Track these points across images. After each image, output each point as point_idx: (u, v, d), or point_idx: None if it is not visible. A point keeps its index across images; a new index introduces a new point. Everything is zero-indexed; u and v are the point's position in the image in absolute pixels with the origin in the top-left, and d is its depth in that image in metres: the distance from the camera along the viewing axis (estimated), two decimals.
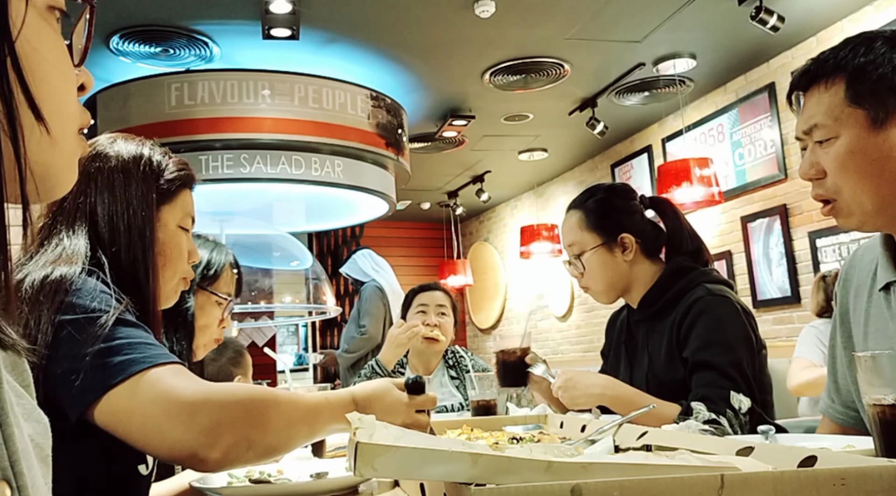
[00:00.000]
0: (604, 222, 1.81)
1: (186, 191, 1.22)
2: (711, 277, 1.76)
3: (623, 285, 1.82)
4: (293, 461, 1.31)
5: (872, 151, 1.15)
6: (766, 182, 4.86)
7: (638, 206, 1.87)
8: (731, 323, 1.66)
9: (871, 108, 1.15)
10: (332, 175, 4.45)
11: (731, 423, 1.53)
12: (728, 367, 1.59)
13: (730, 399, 1.56)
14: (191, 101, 4.19)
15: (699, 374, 1.61)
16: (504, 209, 8.49)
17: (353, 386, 1.12)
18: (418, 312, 2.67)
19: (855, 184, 1.17)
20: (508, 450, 0.66)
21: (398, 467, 0.62)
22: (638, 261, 1.80)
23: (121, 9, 3.70)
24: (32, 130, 0.55)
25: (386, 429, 0.69)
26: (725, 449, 0.87)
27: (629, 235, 1.80)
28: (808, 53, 4.49)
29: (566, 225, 1.87)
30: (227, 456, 0.88)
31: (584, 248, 1.81)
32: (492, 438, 1.26)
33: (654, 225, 1.86)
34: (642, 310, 1.81)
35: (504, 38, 4.22)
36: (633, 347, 1.85)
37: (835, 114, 1.18)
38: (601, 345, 2.03)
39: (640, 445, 1.03)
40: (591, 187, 1.95)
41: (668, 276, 1.78)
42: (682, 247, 1.83)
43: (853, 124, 1.16)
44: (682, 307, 1.69)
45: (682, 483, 0.59)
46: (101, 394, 0.88)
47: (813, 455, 0.74)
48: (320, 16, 3.87)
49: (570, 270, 1.87)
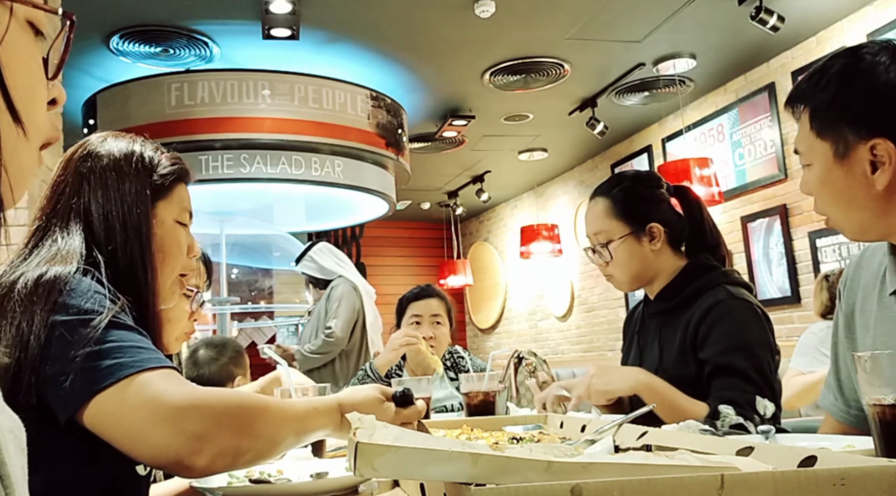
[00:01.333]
0: (632, 211, 1.77)
1: (182, 185, 1.21)
2: (732, 279, 1.74)
3: (649, 275, 1.79)
4: (293, 461, 1.31)
5: (839, 182, 1.18)
6: (766, 182, 4.86)
7: (665, 194, 1.82)
8: (753, 327, 1.64)
9: (833, 141, 1.17)
10: (332, 175, 4.45)
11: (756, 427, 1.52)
12: (752, 372, 1.58)
13: (755, 404, 1.55)
14: (191, 101, 4.20)
15: (722, 379, 1.59)
16: (504, 209, 8.49)
17: (342, 392, 1.11)
18: (412, 323, 2.63)
19: (834, 208, 1.22)
20: (508, 450, 0.66)
21: (398, 467, 0.62)
22: (664, 252, 1.78)
23: (121, 9, 3.70)
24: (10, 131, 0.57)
25: (386, 429, 0.69)
26: (725, 449, 0.87)
27: (658, 225, 1.77)
28: (807, 53, 4.49)
29: (591, 212, 1.83)
30: (214, 463, 0.88)
31: (611, 236, 1.77)
32: (492, 438, 1.26)
33: (680, 215, 1.82)
34: (658, 303, 1.80)
35: (504, 38, 4.22)
36: (645, 338, 1.84)
37: (807, 143, 1.22)
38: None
39: (640, 445, 1.03)
40: (616, 175, 1.91)
41: (690, 272, 1.76)
42: (703, 239, 1.81)
43: (821, 155, 1.19)
44: (701, 306, 1.67)
45: (682, 483, 0.59)
46: (88, 398, 0.87)
47: (813, 455, 0.74)
48: (320, 16, 3.87)
49: (594, 258, 1.83)
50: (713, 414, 1.52)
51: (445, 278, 7.92)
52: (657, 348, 1.76)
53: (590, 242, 1.85)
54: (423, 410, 1.15)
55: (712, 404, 1.55)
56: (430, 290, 2.70)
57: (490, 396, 1.83)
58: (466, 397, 1.85)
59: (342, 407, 1.05)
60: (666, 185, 1.85)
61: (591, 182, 6.83)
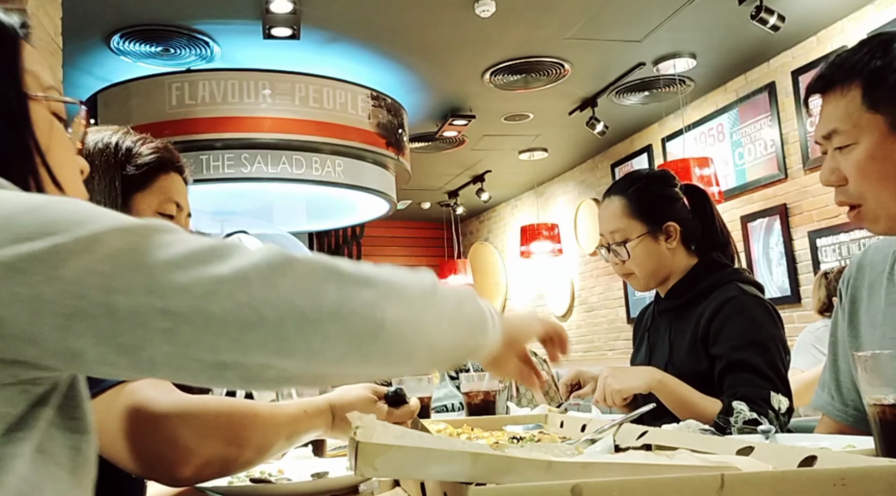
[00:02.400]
0: (649, 210, 1.78)
1: (167, 175, 1.17)
2: (743, 277, 1.75)
3: (664, 273, 1.80)
4: (293, 461, 1.31)
5: (893, 156, 1.12)
6: (765, 182, 4.86)
7: (679, 193, 1.84)
8: (766, 324, 1.65)
9: (890, 112, 1.12)
10: (333, 174, 4.46)
11: (771, 423, 1.51)
12: (766, 368, 1.58)
13: (770, 399, 1.55)
14: (191, 100, 4.20)
15: (736, 374, 1.59)
16: (504, 209, 8.50)
17: (332, 393, 1.10)
18: None
19: (878, 189, 1.14)
20: (509, 449, 0.66)
21: (398, 467, 0.62)
22: (678, 251, 1.79)
23: (121, 8, 3.70)
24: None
25: (386, 429, 0.69)
26: (725, 448, 0.87)
27: (674, 223, 1.78)
28: (808, 53, 4.49)
29: (606, 211, 1.83)
30: (201, 473, 0.86)
31: (628, 235, 1.78)
32: (492, 438, 1.26)
33: (692, 214, 1.84)
34: (669, 300, 1.81)
35: (504, 38, 4.22)
36: (655, 336, 1.84)
37: (853, 119, 1.14)
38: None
39: (640, 445, 1.03)
40: (630, 173, 1.92)
41: (701, 269, 1.77)
42: (713, 237, 1.82)
43: (872, 130, 1.13)
44: (713, 302, 1.68)
45: (682, 483, 0.59)
46: None
47: (813, 455, 0.74)
48: (321, 15, 3.87)
49: (610, 257, 1.83)
50: (727, 410, 1.52)
51: (446, 278, 7.93)
52: (667, 345, 1.77)
53: (604, 241, 1.85)
54: (415, 410, 1.14)
55: (726, 400, 1.55)
56: None
57: (490, 396, 1.83)
58: (467, 396, 1.86)
59: (333, 408, 1.04)
60: (679, 183, 1.87)
61: (591, 182, 6.83)
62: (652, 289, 1.87)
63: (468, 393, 1.86)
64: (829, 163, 1.19)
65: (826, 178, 1.20)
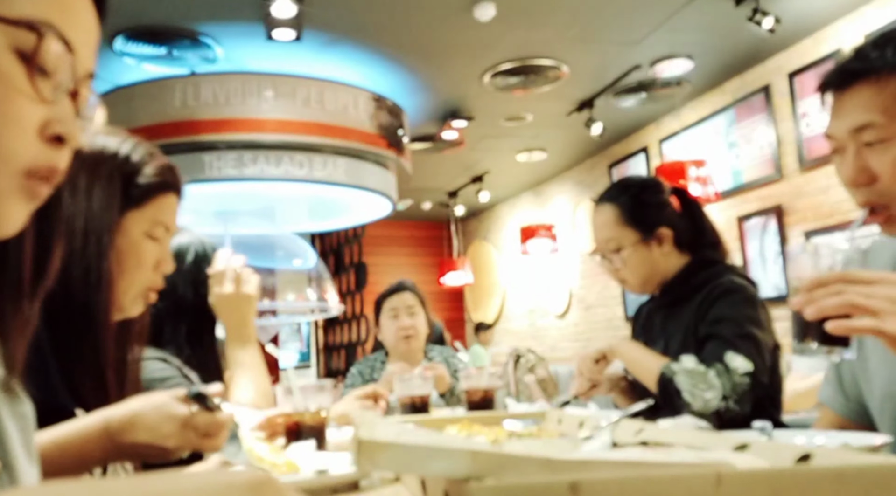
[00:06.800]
0: (641, 218, 1.82)
1: (165, 197, 1.12)
2: (736, 272, 1.80)
3: (659, 277, 1.84)
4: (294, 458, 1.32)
5: None
6: (761, 182, 4.87)
7: (668, 199, 1.87)
8: (747, 306, 1.68)
9: None
10: (335, 175, 4.47)
11: (718, 375, 1.55)
12: (734, 338, 1.61)
13: (724, 357, 1.58)
14: (195, 102, 4.21)
15: (707, 345, 1.64)
16: (503, 209, 8.50)
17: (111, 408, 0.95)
18: (390, 317, 2.69)
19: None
20: (507, 446, 0.67)
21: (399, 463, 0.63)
22: (671, 254, 1.83)
23: (125, 10, 3.71)
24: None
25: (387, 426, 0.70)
26: (722, 445, 0.88)
27: (666, 229, 1.81)
28: (804, 54, 4.51)
29: (599, 220, 1.86)
30: None
31: (622, 243, 1.81)
32: (491, 434, 1.27)
33: (682, 217, 1.87)
34: (664, 297, 1.85)
35: (503, 41, 4.24)
36: (650, 332, 1.88)
37: (892, 112, 1.05)
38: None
39: (638, 441, 1.04)
40: (621, 181, 1.96)
41: (694, 266, 1.81)
42: (704, 237, 1.86)
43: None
44: (705, 293, 1.73)
45: (679, 479, 0.60)
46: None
47: (810, 452, 0.75)
48: (323, 18, 3.88)
49: (605, 264, 1.87)
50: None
51: (445, 276, 7.94)
52: (662, 339, 1.80)
53: (598, 248, 1.88)
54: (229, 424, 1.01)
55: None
56: (403, 285, 2.78)
57: (489, 393, 1.85)
58: (466, 394, 1.88)
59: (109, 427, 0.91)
60: (667, 189, 1.90)
61: (588, 182, 6.85)
62: (647, 293, 1.90)
63: (468, 390, 1.88)
64: (855, 161, 1.08)
65: (853, 178, 1.09)
